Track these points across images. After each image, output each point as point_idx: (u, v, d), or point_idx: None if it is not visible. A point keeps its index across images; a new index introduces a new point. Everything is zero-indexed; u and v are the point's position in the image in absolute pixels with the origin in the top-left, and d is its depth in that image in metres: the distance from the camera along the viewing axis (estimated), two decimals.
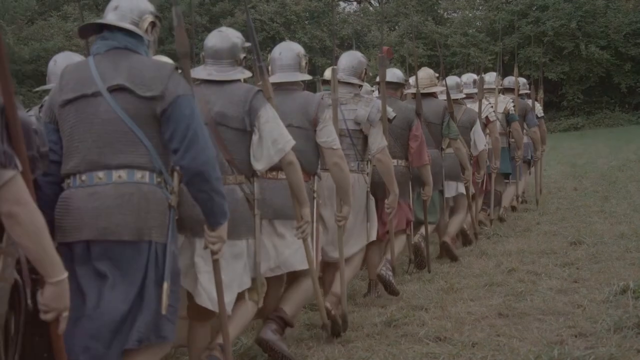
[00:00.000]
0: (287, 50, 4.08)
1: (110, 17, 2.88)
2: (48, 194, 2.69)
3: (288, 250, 3.73)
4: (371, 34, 29.19)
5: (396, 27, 29.93)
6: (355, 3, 34.36)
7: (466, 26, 28.59)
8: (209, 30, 3.85)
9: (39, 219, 2.07)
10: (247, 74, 3.55)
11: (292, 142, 3.43)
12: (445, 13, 31.17)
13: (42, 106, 3.60)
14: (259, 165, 3.39)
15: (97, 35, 2.89)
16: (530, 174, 9.43)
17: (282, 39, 26.81)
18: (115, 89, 2.70)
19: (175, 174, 2.80)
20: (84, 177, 2.67)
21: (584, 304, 4.65)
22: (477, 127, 6.77)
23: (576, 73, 26.35)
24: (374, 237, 4.78)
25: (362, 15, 32.54)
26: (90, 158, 2.68)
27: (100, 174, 2.67)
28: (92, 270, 2.63)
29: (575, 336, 4.09)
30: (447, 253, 6.34)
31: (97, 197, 2.64)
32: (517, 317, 4.51)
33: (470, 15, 29.52)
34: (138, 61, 2.77)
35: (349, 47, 28.07)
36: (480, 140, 6.78)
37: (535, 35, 24.73)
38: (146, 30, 2.89)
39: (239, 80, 3.50)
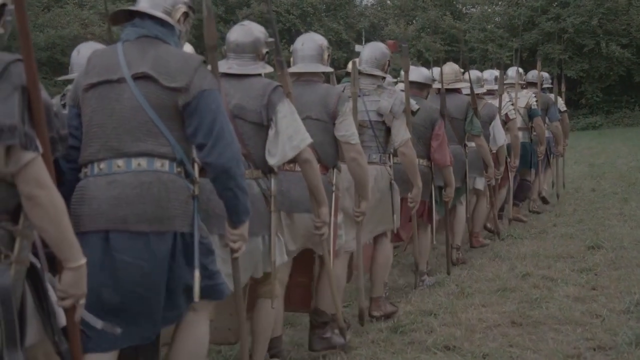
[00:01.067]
0: (310, 41, 4.03)
1: (142, 4, 2.80)
2: (71, 180, 2.61)
3: (304, 236, 3.72)
4: (388, 28, 28.94)
5: (414, 22, 29.66)
6: None
7: (485, 22, 28.27)
8: (225, 21, 3.76)
9: (60, 201, 2.06)
10: (269, 68, 3.49)
11: (309, 140, 3.35)
12: (464, 8, 30.83)
13: (63, 95, 3.61)
14: (273, 160, 3.31)
15: (127, 23, 2.81)
16: (549, 169, 9.26)
17: (298, 31, 26.67)
18: (139, 77, 2.63)
19: (195, 165, 2.74)
20: (102, 165, 2.59)
21: (603, 314, 4.39)
22: (497, 122, 6.68)
23: (596, 71, 26.00)
24: (390, 227, 4.68)
25: (379, 8, 32.26)
26: (110, 145, 2.60)
27: (120, 161, 2.58)
28: (113, 263, 2.52)
29: (594, 349, 3.85)
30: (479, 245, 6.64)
31: (115, 185, 2.55)
32: (531, 326, 4.28)
33: (490, 10, 29.20)
34: (166, 51, 2.70)
35: (367, 41, 27.87)
36: (500, 135, 6.67)
37: (555, 32, 24.37)
38: (178, 21, 2.81)
39: (259, 75, 3.44)
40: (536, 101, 8.10)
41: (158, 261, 2.54)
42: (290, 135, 3.29)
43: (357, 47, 5.50)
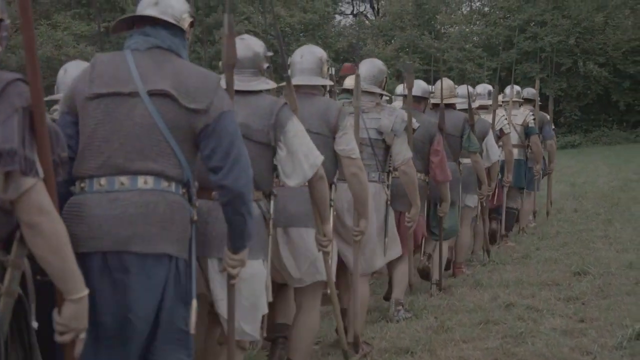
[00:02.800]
0: (309, 54, 3.95)
1: (150, 12, 2.62)
2: (63, 194, 2.40)
3: (307, 261, 3.60)
4: (367, 48, 28.78)
5: (392, 41, 29.54)
6: (351, 16, 33.96)
7: (463, 41, 28.21)
8: (202, 41, 3.48)
9: (62, 230, 1.98)
10: (272, 84, 3.40)
11: (322, 157, 3.27)
12: (442, 28, 30.78)
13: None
14: (292, 182, 3.20)
15: (134, 30, 2.65)
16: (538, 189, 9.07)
17: (275, 51, 26.44)
18: (156, 94, 2.49)
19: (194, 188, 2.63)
20: (102, 182, 2.43)
21: (593, 350, 4.07)
22: (490, 137, 6.57)
23: (574, 90, 25.96)
24: (398, 253, 4.63)
25: (357, 28, 32.10)
26: (114, 162, 2.45)
27: (124, 179, 2.44)
28: (109, 285, 2.39)
29: None
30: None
31: (118, 204, 2.41)
32: None
33: (467, 30, 29.16)
34: (184, 67, 2.58)
35: (345, 60, 27.66)
36: (494, 151, 6.58)
37: (532, 51, 24.31)
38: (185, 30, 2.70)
39: (261, 92, 3.32)
40: (533, 119, 8.05)
41: (153, 286, 2.41)
42: (305, 154, 3.19)
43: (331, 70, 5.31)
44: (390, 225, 4.49)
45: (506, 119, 7.39)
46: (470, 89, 6.95)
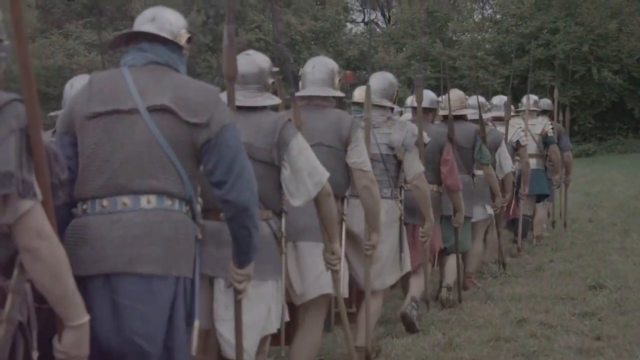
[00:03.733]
0: (320, 65, 3.90)
1: (147, 28, 2.59)
2: (63, 216, 2.35)
3: (311, 276, 3.51)
4: (378, 55, 28.62)
5: (403, 49, 29.39)
6: (362, 24, 33.84)
7: (475, 49, 28.00)
8: (212, 50, 3.36)
9: (62, 254, 1.91)
10: (276, 100, 3.33)
11: (327, 174, 3.17)
12: (454, 35, 30.60)
13: (54, 131, 3.36)
14: (297, 202, 3.10)
15: (131, 46, 2.62)
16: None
17: (285, 61, 26.34)
18: (156, 110, 2.44)
19: (198, 205, 2.56)
20: (105, 203, 2.38)
21: None
22: (503, 148, 6.44)
23: (588, 97, 25.68)
24: (409, 267, 4.54)
25: (368, 36, 31.98)
26: (116, 181, 2.40)
27: (126, 199, 2.38)
28: (112, 308, 2.33)
29: None
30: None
31: (121, 225, 2.36)
32: None
33: (480, 37, 28.96)
34: (183, 81, 2.53)
35: (356, 69, 27.52)
36: (507, 162, 6.44)
37: (545, 58, 24.06)
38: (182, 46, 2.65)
39: (266, 107, 3.24)
40: (552, 128, 7.98)
41: (159, 307, 2.35)
42: (310, 172, 3.10)
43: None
44: (403, 241, 4.42)
45: (522, 130, 7.32)
46: (482, 99, 6.87)
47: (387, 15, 33.89)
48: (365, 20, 32.96)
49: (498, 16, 29.26)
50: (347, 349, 3.80)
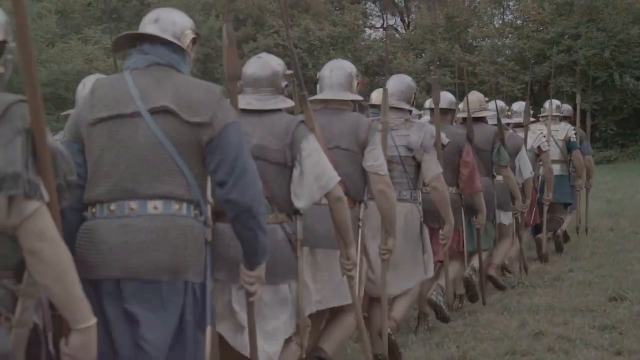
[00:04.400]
0: (338, 69, 3.88)
1: (150, 29, 2.59)
2: (72, 222, 2.37)
3: (330, 284, 3.51)
4: (397, 61, 28.47)
5: (423, 55, 29.22)
6: (381, 29, 33.70)
7: (495, 54, 27.76)
8: None
9: (66, 256, 1.90)
10: (289, 103, 3.32)
11: (337, 179, 3.15)
12: (474, 41, 30.37)
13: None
14: (300, 203, 3.09)
15: (133, 49, 2.60)
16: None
17: (304, 65, 26.31)
18: (157, 111, 2.43)
19: (209, 206, 2.57)
20: (112, 207, 2.39)
21: None
22: (523, 153, 6.39)
23: (609, 103, 25.35)
24: (432, 272, 4.54)
25: (387, 41, 31.85)
26: (123, 185, 2.40)
27: (133, 204, 2.39)
28: (122, 313, 2.34)
29: None
30: (493, 284, 6.16)
31: (128, 230, 2.36)
32: None
33: (500, 43, 28.72)
34: (184, 82, 2.52)
35: (374, 74, 27.39)
36: (526, 167, 6.38)
37: (567, 64, 23.79)
38: (187, 47, 2.63)
39: (279, 110, 3.24)
40: (575, 134, 7.95)
41: (168, 314, 2.35)
42: (317, 175, 3.08)
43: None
44: (426, 243, 4.38)
45: (544, 135, 7.30)
46: (502, 103, 6.82)
47: (406, 21, 33.72)
48: (384, 25, 32.83)
49: (519, 22, 29.02)
50: (365, 357, 3.72)
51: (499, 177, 5.99)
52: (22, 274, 1.90)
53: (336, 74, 3.84)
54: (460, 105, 5.93)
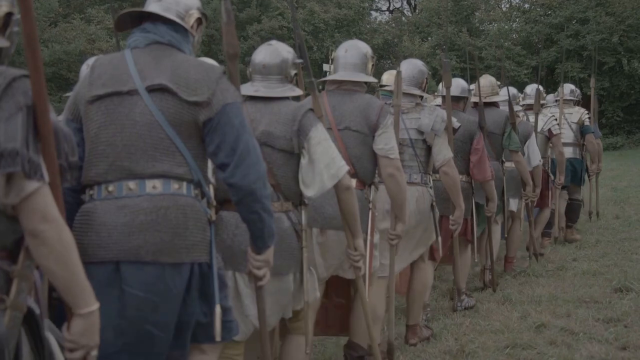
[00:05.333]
0: (354, 49, 3.80)
1: (153, 8, 2.54)
2: (71, 202, 2.32)
3: (336, 259, 3.49)
4: (403, 45, 28.18)
5: (429, 38, 28.93)
6: (387, 12, 33.38)
7: (502, 39, 27.45)
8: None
9: (69, 238, 1.83)
10: (298, 91, 3.27)
11: (346, 168, 3.10)
12: (481, 25, 30.04)
13: None
14: (310, 192, 3.04)
15: (135, 28, 2.56)
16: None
17: (309, 47, 26.06)
18: (155, 89, 2.39)
19: (211, 186, 2.55)
20: (111, 188, 2.34)
21: None
22: (532, 140, 6.32)
23: (617, 89, 25.07)
24: (439, 257, 4.57)
25: (393, 25, 31.53)
26: (120, 165, 2.35)
27: (131, 184, 2.34)
28: (122, 296, 2.29)
29: None
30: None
31: (127, 210, 2.31)
32: None
33: (507, 27, 28.39)
34: (183, 60, 2.46)
35: (380, 58, 27.13)
36: (535, 155, 6.32)
37: (574, 49, 23.49)
38: (192, 27, 2.58)
39: (287, 98, 3.19)
40: (589, 117, 7.95)
41: (173, 296, 2.30)
42: (327, 164, 3.03)
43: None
44: (436, 226, 4.35)
45: (556, 119, 7.23)
46: (514, 90, 6.75)
47: (412, 4, 33.38)
48: (391, 8, 32.50)
49: (526, 5, 28.66)
50: (371, 347, 3.62)
51: (508, 164, 5.92)
52: (18, 254, 1.83)
53: (351, 54, 3.77)
54: (473, 90, 5.85)
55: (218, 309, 2.39)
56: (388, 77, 4.90)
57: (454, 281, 5.26)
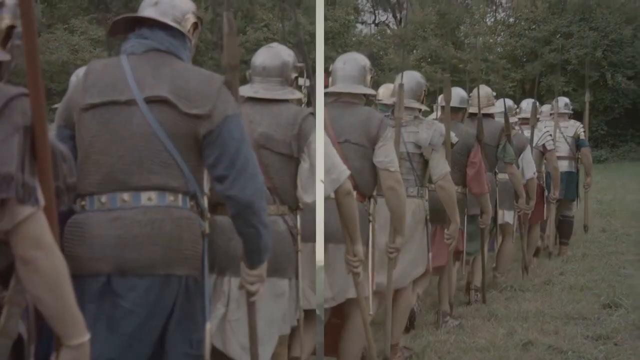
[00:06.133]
0: (352, 61, 3.78)
1: (149, 13, 2.47)
2: (60, 213, 2.10)
3: (342, 278, 3.42)
4: (388, 57, 28.19)
5: (414, 51, 28.97)
6: (372, 25, 33.44)
7: (487, 52, 27.54)
8: (220, 48, 3.10)
9: (62, 267, 1.75)
10: (298, 94, 3.22)
11: (347, 172, 3.09)
12: (466, 38, 30.15)
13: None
14: (309, 198, 2.98)
15: (131, 33, 2.48)
16: None
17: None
18: (154, 101, 2.32)
19: (206, 198, 2.47)
20: (103, 199, 2.28)
21: None
22: (527, 153, 6.31)
23: (601, 103, 25.18)
24: (429, 269, 4.50)
25: (379, 37, 31.57)
26: (114, 176, 2.29)
27: (125, 195, 2.28)
28: (113, 309, 2.23)
29: None
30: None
31: (121, 223, 2.26)
32: None
33: (491, 41, 28.50)
34: (183, 69, 2.40)
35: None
36: (529, 168, 6.30)
37: (558, 63, 23.59)
38: (188, 31, 2.52)
39: (287, 101, 3.15)
40: (584, 131, 7.98)
41: (161, 309, 2.26)
42: (327, 169, 2.97)
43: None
44: (428, 242, 4.36)
45: (551, 135, 7.21)
46: (510, 102, 6.75)
47: (398, 17, 33.47)
48: (376, 21, 32.56)
49: (511, 19, 28.84)
50: (369, 356, 3.57)
51: (501, 176, 5.87)
52: (9, 280, 1.77)
53: (350, 67, 3.74)
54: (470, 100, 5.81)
55: (208, 326, 2.35)
56: (384, 91, 4.88)
57: (438, 296, 5.10)
